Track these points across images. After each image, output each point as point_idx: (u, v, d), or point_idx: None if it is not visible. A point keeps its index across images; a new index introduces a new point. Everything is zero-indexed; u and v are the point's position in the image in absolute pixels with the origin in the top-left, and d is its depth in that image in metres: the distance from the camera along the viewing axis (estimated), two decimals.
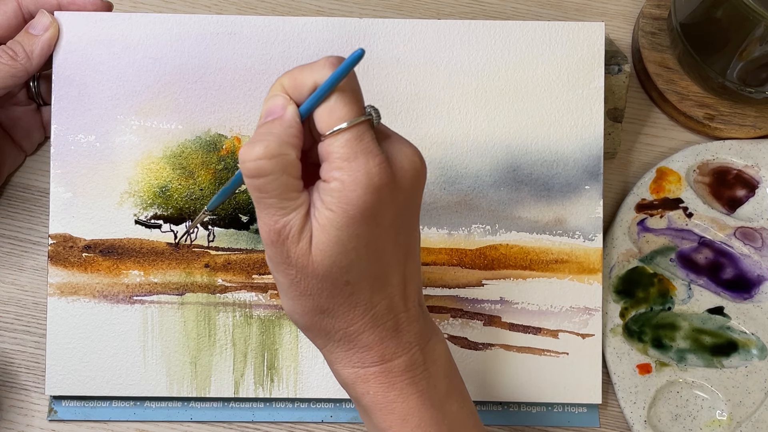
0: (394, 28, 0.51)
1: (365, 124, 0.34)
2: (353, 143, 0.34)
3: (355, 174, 0.33)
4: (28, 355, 0.54)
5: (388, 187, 0.34)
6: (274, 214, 0.34)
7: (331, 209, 0.34)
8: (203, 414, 0.53)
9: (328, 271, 0.35)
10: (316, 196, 0.34)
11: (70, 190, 0.51)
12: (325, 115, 0.34)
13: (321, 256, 0.34)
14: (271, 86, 0.36)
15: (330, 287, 0.35)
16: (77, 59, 0.51)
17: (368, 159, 0.34)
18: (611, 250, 0.55)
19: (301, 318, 0.37)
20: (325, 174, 0.34)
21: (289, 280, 0.35)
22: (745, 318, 0.54)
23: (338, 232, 0.34)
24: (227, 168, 0.52)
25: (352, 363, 0.38)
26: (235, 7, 0.60)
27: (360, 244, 0.34)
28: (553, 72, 0.52)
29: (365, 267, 0.35)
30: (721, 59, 0.54)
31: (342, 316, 0.36)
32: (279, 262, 0.35)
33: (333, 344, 0.38)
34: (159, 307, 0.52)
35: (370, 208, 0.34)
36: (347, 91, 0.34)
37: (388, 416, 0.38)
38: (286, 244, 0.34)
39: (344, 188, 0.33)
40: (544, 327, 0.52)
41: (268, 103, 0.35)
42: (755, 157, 0.57)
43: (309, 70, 0.35)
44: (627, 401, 0.53)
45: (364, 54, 0.33)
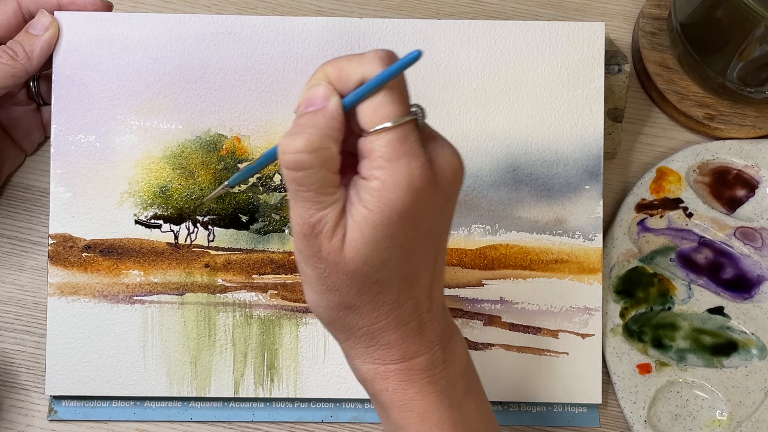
0: (394, 28, 0.51)
1: (410, 124, 0.33)
2: (397, 144, 0.33)
3: (397, 175, 0.33)
4: (28, 355, 0.54)
5: (427, 190, 0.34)
6: (309, 207, 0.34)
7: (368, 208, 0.33)
8: (203, 414, 0.53)
9: (359, 268, 0.34)
10: (354, 193, 0.34)
11: (70, 190, 0.51)
12: (371, 112, 0.33)
13: (353, 254, 0.34)
14: (314, 73, 0.35)
15: (358, 285, 0.35)
16: (77, 59, 0.51)
17: (411, 161, 0.33)
18: (611, 250, 0.55)
19: (324, 312, 0.37)
20: (365, 171, 0.34)
21: (318, 274, 0.35)
22: (745, 318, 0.54)
23: (373, 231, 0.33)
24: (227, 168, 0.52)
25: (372, 359, 0.37)
26: (235, 7, 0.60)
27: (394, 245, 0.34)
28: (553, 72, 0.52)
29: (396, 267, 0.35)
30: (721, 59, 0.54)
31: (367, 313, 0.36)
32: (309, 255, 0.35)
33: (354, 340, 0.37)
34: (159, 307, 0.52)
35: (408, 210, 0.33)
36: (395, 89, 0.33)
37: (407, 414, 0.37)
38: (318, 239, 0.34)
39: (384, 188, 0.33)
40: (544, 327, 0.52)
41: (310, 91, 0.34)
42: (755, 157, 0.57)
43: (357, 63, 0.34)
44: (627, 401, 0.53)
45: (421, 56, 0.32)
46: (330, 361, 0.52)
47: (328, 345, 0.52)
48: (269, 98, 0.52)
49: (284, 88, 0.52)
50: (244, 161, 0.52)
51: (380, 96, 0.33)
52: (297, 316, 0.52)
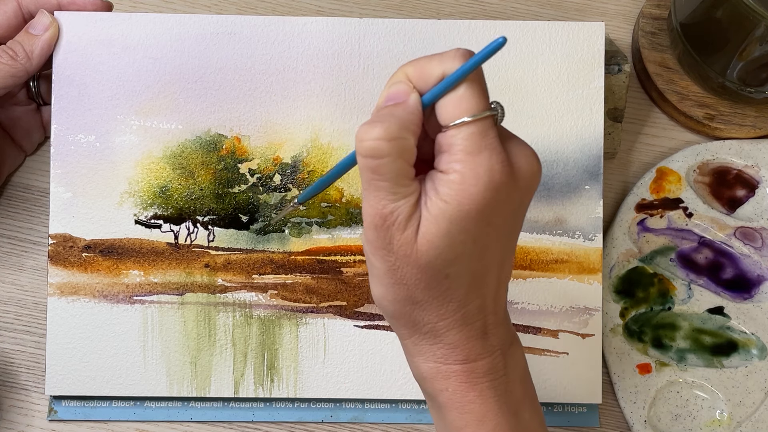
0: (394, 28, 0.51)
1: (490, 120, 0.33)
2: (477, 137, 0.33)
3: (477, 169, 0.33)
4: (28, 355, 0.54)
5: (506, 186, 0.33)
6: (383, 198, 0.33)
7: (445, 201, 0.33)
8: (203, 414, 0.53)
9: (431, 262, 0.34)
10: (430, 186, 0.34)
11: (70, 190, 0.51)
12: (451, 106, 0.33)
13: (427, 247, 0.34)
14: (394, 73, 0.35)
15: (428, 279, 0.35)
16: (77, 59, 0.51)
17: (492, 155, 0.33)
18: (611, 250, 0.55)
19: (390, 305, 0.36)
20: (444, 165, 0.33)
21: (387, 267, 0.35)
22: (745, 318, 0.54)
23: (449, 224, 0.33)
24: (227, 168, 0.52)
25: (435, 358, 0.37)
26: (235, 7, 0.60)
27: (468, 239, 0.34)
28: (553, 72, 0.52)
29: (467, 263, 0.35)
30: (721, 59, 0.54)
31: (434, 309, 0.36)
32: (379, 247, 0.34)
33: (419, 336, 0.37)
34: (159, 307, 0.52)
35: (486, 205, 0.33)
36: (476, 83, 0.33)
37: (465, 416, 0.37)
38: (390, 230, 0.34)
39: (464, 181, 0.33)
40: (544, 327, 0.52)
41: (391, 89, 0.34)
42: (755, 157, 0.57)
43: (438, 61, 0.34)
44: (627, 401, 0.53)
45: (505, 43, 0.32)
46: (330, 361, 0.52)
47: (328, 345, 0.52)
48: (269, 98, 0.52)
49: (284, 88, 0.52)
50: (244, 161, 0.52)
51: (461, 90, 0.33)
52: (297, 316, 0.52)
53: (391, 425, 0.54)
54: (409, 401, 0.54)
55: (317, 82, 0.51)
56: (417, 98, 0.34)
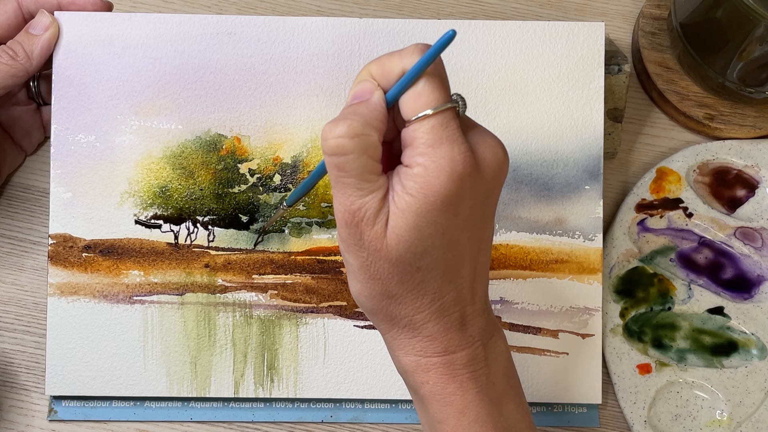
0: (394, 28, 0.51)
1: (451, 112, 0.34)
2: (438, 130, 0.33)
3: (440, 161, 0.33)
4: (28, 355, 0.54)
5: (470, 176, 0.34)
6: (350, 194, 0.34)
7: (411, 194, 0.33)
8: (203, 414, 0.53)
9: (402, 256, 0.34)
10: (396, 180, 0.34)
11: (70, 190, 0.51)
12: (412, 100, 0.34)
13: (396, 241, 0.34)
14: (359, 72, 0.36)
15: (401, 273, 0.35)
16: (77, 59, 0.51)
17: (453, 146, 0.33)
18: (611, 250, 0.55)
19: (367, 301, 0.37)
20: (408, 159, 0.34)
21: (360, 263, 0.35)
22: (745, 318, 0.54)
23: (416, 218, 0.34)
24: (227, 168, 0.52)
25: (414, 351, 0.38)
26: (235, 7, 0.60)
27: (437, 232, 0.34)
28: (553, 72, 0.52)
29: (439, 255, 0.35)
30: (721, 59, 0.54)
31: (410, 303, 0.36)
32: (351, 244, 0.35)
33: (397, 330, 0.38)
34: (159, 307, 0.52)
35: (451, 196, 0.34)
36: (435, 77, 0.34)
37: (446, 408, 0.38)
38: (360, 226, 0.34)
39: (427, 174, 0.33)
40: (544, 327, 0.52)
41: (356, 88, 0.35)
42: (755, 157, 0.57)
43: (397, 57, 0.34)
44: (627, 401, 0.53)
45: (455, 36, 0.32)
46: (330, 361, 0.52)
47: (328, 345, 0.52)
48: (269, 98, 0.52)
49: (284, 88, 0.52)
50: (244, 161, 0.52)
51: (420, 84, 0.34)
52: (297, 316, 0.52)
53: (391, 425, 0.54)
54: (409, 401, 0.54)
55: (317, 82, 0.52)
56: (380, 95, 0.35)
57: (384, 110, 0.34)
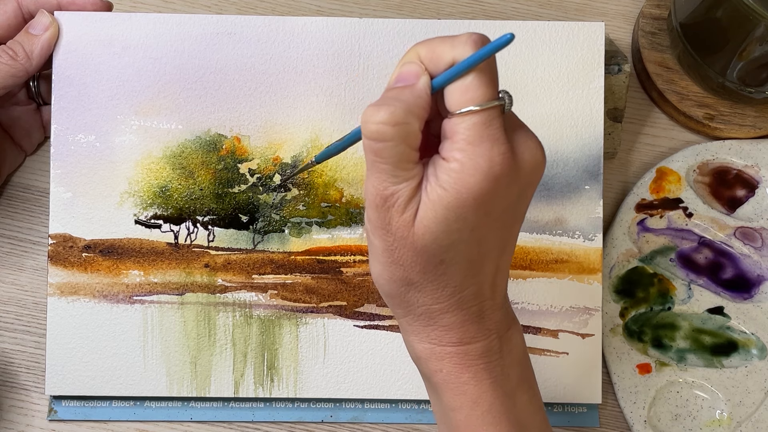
0: (394, 28, 0.51)
1: (496, 110, 0.33)
2: (480, 127, 0.33)
3: (477, 159, 0.33)
4: (28, 355, 0.54)
5: (506, 177, 0.34)
6: (384, 180, 0.34)
7: (444, 188, 0.33)
8: (203, 414, 0.53)
9: (427, 246, 0.34)
10: (431, 171, 0.34)
11: (70, 190, 0.51)
12: (458, 94, 0.33)
13: (423, 231, 0.34)
14: (407, 52, 0.35)
15: (424, 262, 0.35)
16: (77, 59, 0.51)
17: (493, 146, 0.33)
18: (611, 250, 0.55)
19: (387, 284, 0.37)
20: (446, 152, 0.33)
21: (385, 246, 0.35)
22: (745, 318, 0.54)
23: (446, 211, 0.33)
24: (227, 168, 0.52)
25: (429, 339, 0.37)
26: (235, 7, 0.60)
27: (464, 227, 0.34)
28: (553, 72, 0.52)
29: (464, 250, 0.35)
30: (721, 59, 0.54)
31: (429, 292, 0.36)
32: (378, 227, 0.35)
33: (413, 317, 0.37)
34: (159, 307, 0.52)
35: (483, 196, 0.33)
36: (486, 73, 0.33)
37: (459, 397, 0.38)
38: (390, 212, 0.34)
39: (463, 171, 0.33)
40: (544, 327, 0.52)
41: (402, 69, 0.34)
42: (755, 157, 0.57)
43: (450, 45, 0.33)
44: (627, 401, 0.53)
45: (513, 40, 0.32)
46: (330, 361, 0.52)
47: (328, 345, 0.52)
48: (269, 98, 0.52)
49: (284, 88, 0.52)
50: (244, 161, 0.52)
51: (469, 78, 0.33)
52: (297, 316, 0.52)
53: (390, 425, 0.54)
54: (409, 401, 0.54)
55: (317, 82, 0.52)
56: (426, 82, 0.34)
57: (428, 98, 0.34)
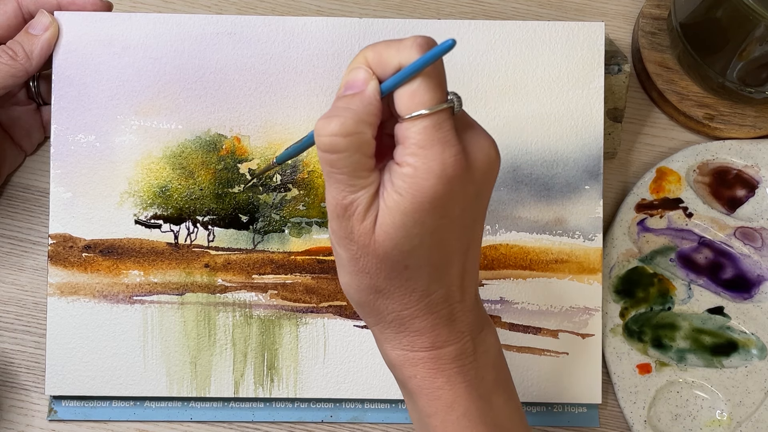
0: (394, 28, 0.51)
1: (446, 112, 0.33)
2: (431, 131, 0.33)
3: (430, 162, 0.33)
4: (28, 355, 0.54)
5: (460, 178, 0.34)
6: (342, 189, 0.34)
7: (399, 193, 0.33)
8: (203, 414, 0.53)
9: (389, 252, 0.34)
10: (387, 177, 0.34)
11: (70, 190, 0.51)
12: (406, 98, 0.33)
13: (383, 237, 0.34)
14: (355, 57, 0.35)
15: (388, 269, 0.35)
16: (77, 59, 0.51)
17: (444, 149, 0.33)
18: (611, 250, 0.55)
19: (355, 293, 0.37)
20: (399, 157, 0.34)
21: (350, 256, 0.35)
22: (745, 318, 0.54)
23: (404, 217, 0.33)
24: (227, 168, 0.52)
25: (401, 345, 0.37)
26: (235, 7, 0.60)
27: (424, 232, 0.34)
28: (553, 72, 0.52)
29: (426, 254, 0.35)
30: (721, 59, 0.54)
31: (397, 298, 0.36)
32: (342, 237, 0.35)
33: (384, 324, 0.37)
34: (159, 307, 0.52)
35: (439, 198, 0.33)
36: (432, 77, 0.33)
37: (434, 402, 0.37)
38: (351, 220, 0.34)
39: (416, 175, 0.33)
40: (544, 327, 0.52)
41: (350, 75, 0.34)
42: (755, 157, 0.57)
43: (395, 49, 0.34)
44: (627, 401, 0.53)
45: (454, 46, 0.32)
46: (330, 361, 0.52)
47: (328, 345, 0.52)
48: (269, 98, 0.52)
49: (284, 88, 0.52)
50: (244, 161, 0.52)
51: (416, 83, 0.33)
52: (297, 316, 0.52)
53: (391, 425, 0.54)
54: None
55: (317, 82, 0.52)
56: (375, 88, 0.34)
57: (378, 104, 0.34)
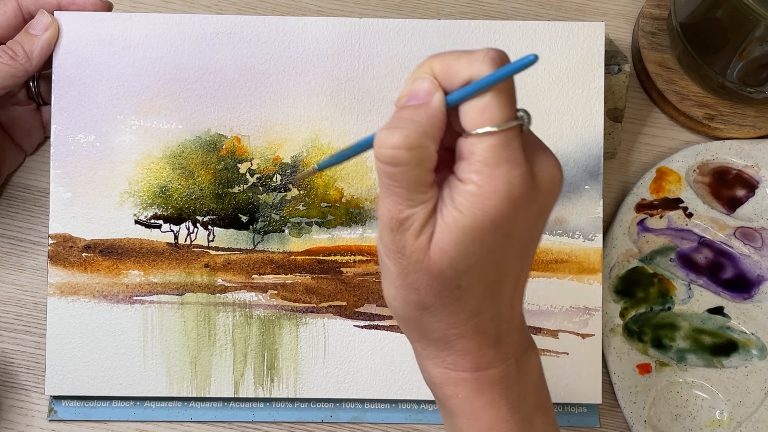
0: (394, 28, 0.51)
1: (515, 130, 0.32)
2: (499, 149, 0.31)
3: (495, 182, 0.31)
4: (28, 355, 0.54)
5: (525, 199, 0.32)
6: (399, 203, 0.32)
7: (460, 211, 0.32)
8: (203, 414, 0.53)
9: (443, 271, 0.33)
10: (447, 193, 0.33)
11: (70, 190, 0.51)
12: (475, 113, 0.31)
13: (439, 255, 0.33)
14: (419, 65, 0.33)
15: (439, 287, 0.34)
16: (77, 59, 0.51)
17: (512, 168, 0.32)
18: (611, 250, 0.55)
19: (401, 308, 0.36)
20: (463, 174, 0.32)
21: (399, 270, 0.34)
22: (745, 318, 0.54)
23: (463, 235, 0.32)
24: (227, 168, 0.52)
25: (444, 364, 0.36)
26: (235, 7, 0.60)
27: (482, 251, 0.33)
28: (553, 72, 0.52)
29: (481, 274, 0.34)
30: (721, 59, 0.54)
31: (444, 317, 0.35)
32: (393, 250, 0.34)
33: (428, 342, 0.36)
34: (159, 307, 0.52)
35: (502, 219, 0.32)
36: (503, 92, 0.31)
37: (474, 423, 0.36)
38: (405, 235, 0.33)
39: (480, 193, 0.32)
40: (544, 327, 0.52)
41: (414, 84, 0.33)
42: (755, 157, 0.57)
43: (466, 61, 0.32)
44: (627, 401, 0.53)
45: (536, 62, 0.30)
46: (330, 361, 0.52)
47: (328, 345, 0.52)
48: (269, 98, 0.52)
49: (284, 88, 0.52)
50: (244, 161, 0.52)
51: (487, 98, 0.31)
52: (297, 316, 0.52)
53: (391, 425, 0.54)
54: (409, 401, 0.54)
55: (317, 82, 0.52)
56: (441, 100, 0.32)
57: (444, 117, 0.32)
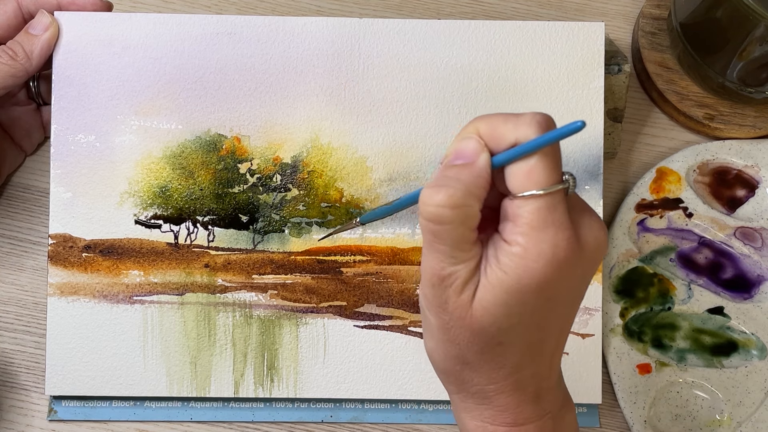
0: (394, 28, 0.51)
1: (560, 193, 0.32)
2: (545, 212, 0.32)
3: (541, 245, 0.32)
4: (28, 355, 0.54)
5: (569, 262, 0.32)
6: (442, 260, 0.33)
7: (505, 272, 0.32)
8: (203, 414, 0.53)
9: (485, 328, 0.33)
10: (492, 252, 0.33)
11: (70, 190, 0.51)
12: (522, 176, 0.32)
13: (482, 313, 0.33)
14: (466, 126, 0.34)
15: (481, 344, 0.34)
16: (77, 59, 0.51)
17: (558, 232, 0.32)
18: (611, 250, 0.55)
19: (441, 361, 0.36)
20: (508, 235, 0.32)
21: (440, 324, 0.34)
22: (745, 318, 0.54)
23: (506, 295, 0.32)
24: (227, 168, 0.52)
25: (482, 417, 0.37)
26: (235, 7, 0.60)
27: (525, 311, 0.33)
28: (553, 72, 0.52)
29: (523, 333, 0.34)
30: (721, 59, 0.54)
31: (485, 373, 0.35)
32: (435, 305, 0.34)
33: (466, 394, 0.37)
34: (159, 307, 0.52)
35: (546, 282, 0.32)
36: (549, 156, 0.32)
37: None
38: (447, 291, 0.33)
39: (526, 256, 0.32)
40: None
41: (460, 144, 0.33)
42: (755, 157, 0.57)
43: (512, 125, 0.32)
44: (627, 401, 0.53)
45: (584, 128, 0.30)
46: (330, 361, 0.52)
47: (328, 345, 0.52)
48: (269, 98, 0.52)
49: (284, 88, 0.52)
50: (244, 161, 0.52)
51: (533, 161, 0.32)
52: (297, 316, 0.52)
53: (391, 425, 0.54)
54: (409, 401, 0.54)
55: (317, 82, 0.52)
56: (487, 161, 0.33)
57: (488, 178, 0.33)
